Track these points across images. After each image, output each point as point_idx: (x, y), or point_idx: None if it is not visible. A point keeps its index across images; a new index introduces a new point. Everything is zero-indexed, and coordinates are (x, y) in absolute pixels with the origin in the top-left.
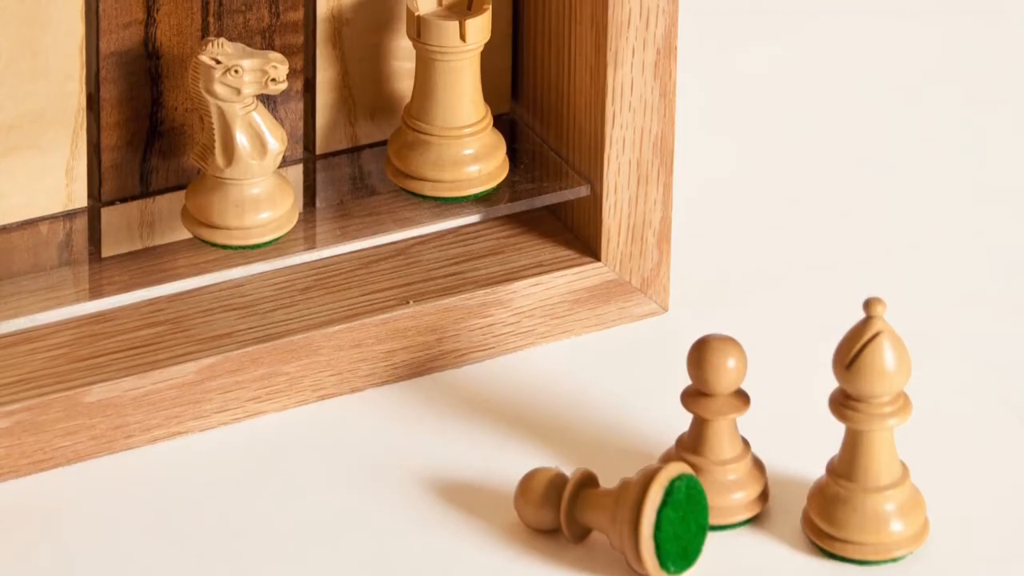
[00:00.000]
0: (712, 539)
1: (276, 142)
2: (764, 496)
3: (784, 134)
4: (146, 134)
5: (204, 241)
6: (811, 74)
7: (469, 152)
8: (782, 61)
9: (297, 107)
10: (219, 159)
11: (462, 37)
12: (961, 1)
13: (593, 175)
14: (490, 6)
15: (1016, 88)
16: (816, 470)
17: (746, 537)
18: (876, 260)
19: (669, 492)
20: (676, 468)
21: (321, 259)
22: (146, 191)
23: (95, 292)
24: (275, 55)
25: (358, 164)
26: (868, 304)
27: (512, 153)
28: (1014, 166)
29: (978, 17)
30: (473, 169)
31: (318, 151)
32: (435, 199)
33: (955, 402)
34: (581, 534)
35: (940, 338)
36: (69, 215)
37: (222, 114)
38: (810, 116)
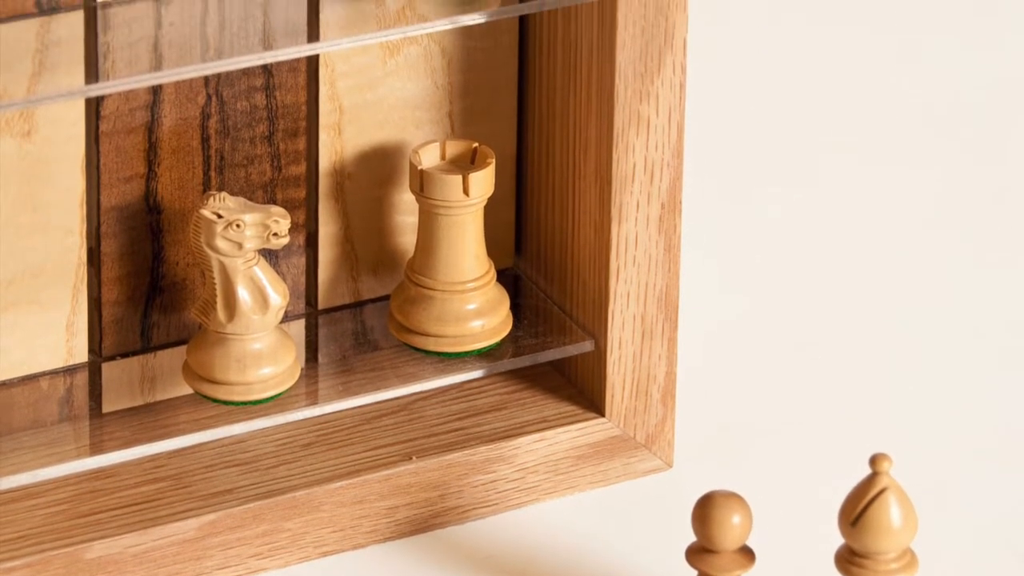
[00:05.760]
0: None
1: (278, 297)
2: None
3: (788, 285)
4: (147, 289)
5: (205, 397)
6: (816, 226)
7: (472, 307)
8: (786, 214)
9: (299, 262)
10: (221, 314)
11: (465, 191)
12: (959, 145)
13: (597, 330)
14: (493, 160)
15: (1018, 233)
16: None
17: None
18: (880, 412)
19: None
20: None
21: (323, 415)
22: (147, 346)
23: (96, 448)
24: (277, 209)
25: (360, 319)
26: (874, 460)
27: (516, 308)
28: (1016, 313)
29: (978, 161)
30: (476, 324)
31: (320, 306)
32: (438, 354)
33: (962, 557)
34: None
35: (946, 490)
36: (70, 370)
37: (224, 269)
38: (814, 268)
